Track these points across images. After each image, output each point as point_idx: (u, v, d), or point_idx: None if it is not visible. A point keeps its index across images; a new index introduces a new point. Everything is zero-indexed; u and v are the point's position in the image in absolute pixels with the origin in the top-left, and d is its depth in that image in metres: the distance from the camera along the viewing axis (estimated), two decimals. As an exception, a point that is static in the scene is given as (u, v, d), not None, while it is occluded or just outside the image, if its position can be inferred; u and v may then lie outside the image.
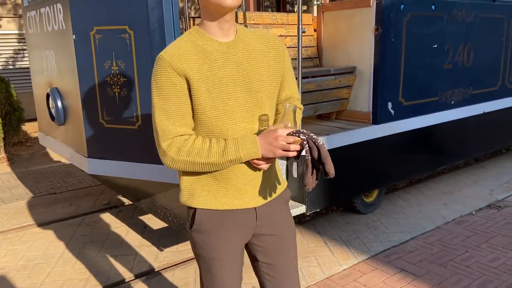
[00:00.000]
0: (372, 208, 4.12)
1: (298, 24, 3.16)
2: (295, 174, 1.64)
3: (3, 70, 8.98)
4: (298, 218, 3.91)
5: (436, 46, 3.92)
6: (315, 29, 4.21)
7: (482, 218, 3.92)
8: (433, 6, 3.81)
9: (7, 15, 9.06)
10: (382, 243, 3.51)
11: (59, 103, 3.38)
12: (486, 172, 5.20)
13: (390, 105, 3.69)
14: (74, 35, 2.90)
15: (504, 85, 4.83)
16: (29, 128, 7.95)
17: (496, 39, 4.58)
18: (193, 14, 10.43)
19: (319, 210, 3.64)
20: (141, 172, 2.96)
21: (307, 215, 3.83)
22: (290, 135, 1.40)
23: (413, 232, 3.69)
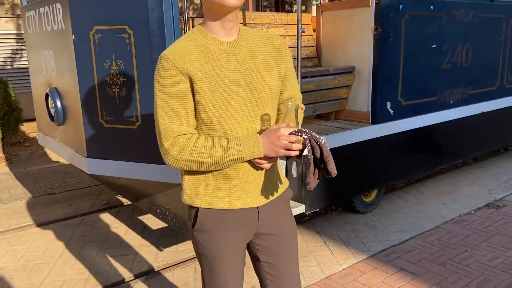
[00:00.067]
0: (371, 208, 4.13)
1: (298, 24, 3.17)
2: (294, 174, 1.64)
3: (1, 70, 8.96)
4: (298, 218, 3.91)
5: (435, 46, 3.93)
6: (314, 29, 4.22)
7: (481, 217, 3.93)
8: (431, 6, 3.82)
9: (5, 15, 9.04)
10: (382, 243, 3.51)
11: (58, 103, 3.38)
12: (485, 172, 5.22)
13: (389, 105, 3.70)
14: (74, 35, 2.89)
15: (503, 85, 4.84)
16: (27, 128, 7.93)
17: (494, 39, 4.59)
18: (191, 14, 10.43)
19: (318, 210, 3.64)
20: (140, 172, 2.96)
21: (307, 214, 3.84)
22: (292, 134, 1.40)
23: (412, 231, 3.70)
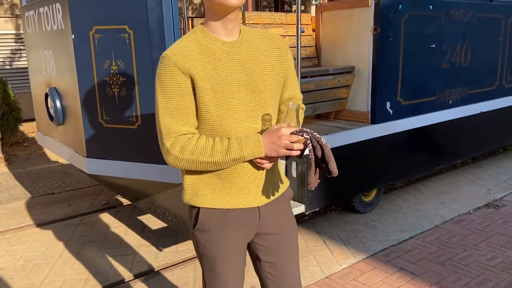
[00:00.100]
0: (370, 208, 4.13)
1: (297, 24, 3.17)
2: (294, 174, 1.64)
3: (0, 70, 8.95)
4: (297, 217, 3.90)
5: (434, 46, 3.93)
6: (313, 29, 4.22)
7: (480, 217, 3.94)
8: (431, 6, 3.83)
9: (4, 15, 9.03)
10: (381, 242, 3.52)
11: (58, 103, 3.37)
12: (484, 172, 5.23)
13: (388, 104, 3.71)
14: (73, 35, 2.89)
15: (502, 84, 4.85)
16: (26, 128, 7.92)
17: (493, 39, 4.60)
18: (190, 14, 10.43)
19: (318, 210, 3.64)
20: (140, 172, 2.96)
21: (306, 214, 3.84)
22: (294, 134, 1.40)
23: (411, 231, 3.70)
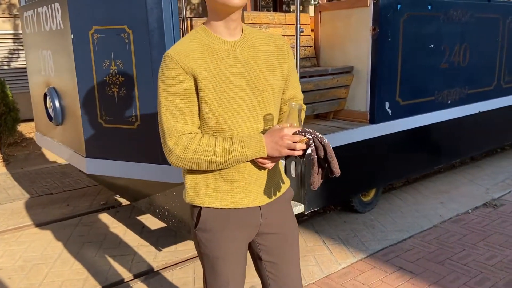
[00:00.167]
0: (369, 207, 4.14)
1: (296, 24, 3.17)
2: (293, 174, 1.65)
3: (-2, 70, 8.94)
4: (297, 217, 3.88)
5: (432, 46, 3.94)
6: (312, 29, 4.22)
7: (478, 216, 3.95)
8: (429, 6, 3.84)
9: (2, 15, 9.00)
10: (380, 242, 3.52)
11: (57, 103, 3.37)
12: (482, 171, 5.24)
13: (387, 104, 3.72)
14: (72, 35, 2.89)
15: (500, 84, 4.87)
16: (24, 128, 7.91)
17: (491, 39, 4.62)
18: (189, 14, 10.42)
19: (317, 210, 3.65)
20: (140, 172, 2.96)
21: (306, 214, 3.84)
22: (296, 134, 1.40)
23: (410, 230, 3.71)
